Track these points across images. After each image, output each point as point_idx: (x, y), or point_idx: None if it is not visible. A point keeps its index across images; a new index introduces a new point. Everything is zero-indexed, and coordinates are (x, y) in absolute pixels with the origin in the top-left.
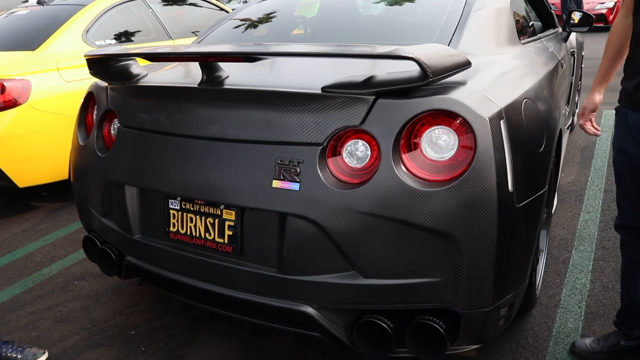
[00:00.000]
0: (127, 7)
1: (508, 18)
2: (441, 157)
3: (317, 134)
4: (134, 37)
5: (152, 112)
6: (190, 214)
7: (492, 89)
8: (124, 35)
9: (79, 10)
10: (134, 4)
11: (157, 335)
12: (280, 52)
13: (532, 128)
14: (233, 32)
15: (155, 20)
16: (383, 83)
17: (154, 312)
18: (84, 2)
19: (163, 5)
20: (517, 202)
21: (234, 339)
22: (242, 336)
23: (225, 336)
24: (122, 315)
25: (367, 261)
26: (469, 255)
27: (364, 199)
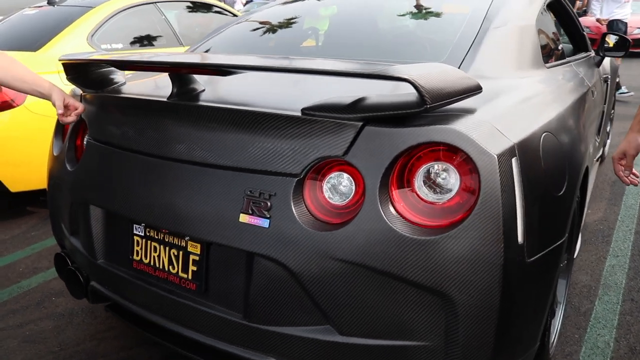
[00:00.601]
0: (138, 12)
1: (533, 38)
2: (438, 199)
3: (294, 164)
4: (141, 42)
5: (120, 125)
6: (154, 242)
7: (506, 119)
8: (131, 40)
9: (87, 12)
10: (145, 8)
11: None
12: (254, 67)
13: (551, 167)
14: (232, 40)
15: (166, 26)
16: (373, 107)
17: (125, 339)
18: (93, 4)
19: (177, 11)
20: (527, 257)
21: None
22: None
23: None
24: (92, 340)
25: (344, 316)
26: (465, 318)
27: (343, 244)
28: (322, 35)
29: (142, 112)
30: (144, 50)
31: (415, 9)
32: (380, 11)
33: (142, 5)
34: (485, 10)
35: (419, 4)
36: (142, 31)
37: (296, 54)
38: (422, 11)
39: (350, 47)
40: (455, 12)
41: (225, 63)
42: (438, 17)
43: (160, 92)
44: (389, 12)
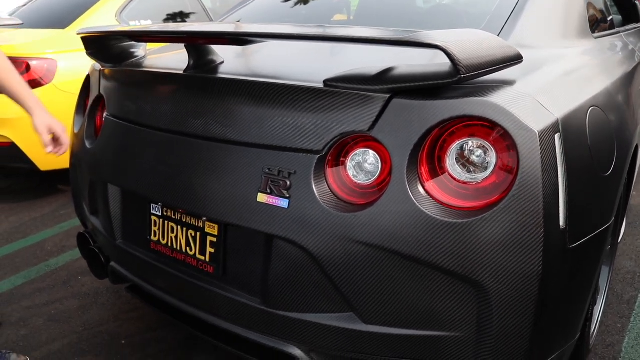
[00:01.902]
0: None
1: (579, 5)
2: (472, 178)
3: (315, 140)
4: (171, 19)
5: (138, 101)
6: (172, 222)
7: (549, 92)
8: (160, 17)
9: None
10: None
11: (148, 349)
12: (274, 34)
13: (598, 145)
14: (262, 12)
15: (196, 3)
16: (401, 78)
17: (150, 320)
18: None
19: None
20: (570, 242)
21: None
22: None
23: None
24: (116, 321)
25: (369, 303)
26: (499, 307)
27: (367, 226)
28: (353, 7)
29: (158, 87)
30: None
31: None
32: None
33: None
34: None
35: None
36: (172, 8)
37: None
38: None
39: (382, 18)
40: None
41: (244, 31)
42: None
43: (178, 65)
44: None
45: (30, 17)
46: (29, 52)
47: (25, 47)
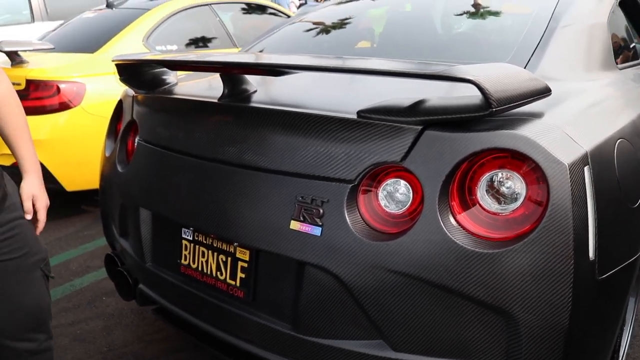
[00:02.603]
0: (193, 13)
1: (604, 37)
2: (502, 209)
3: (348, 169)
4: (196, 44)
5: (171, 127)
6: (202, 247)
7: (577, 124)
8: (186, 42)
9: (143, 14)
10: (200, 10)
11: None
12: (309, 67)
13: (627, 177)
14: (286, 41)
15: (221, 28)
16: (433, 111)
17: (174, 342)
18: (149, 7)
19: (232, 13)
20: (599, 274)
21: None
22: None
23: None
24: (140, 342)
25: (399, 331)
26: (528, 338)
27: (399, 255)
28: (377, 35)
29: (192, 114)
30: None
31: (476, 8)
32: (438, 10)
33: (197, 7)
34: (552, 9)
35: (479, 3)
36: (197, 33)
37: (351, 55)
38: (482, 10)
39: (407, 47)
40: (518, 12)
41: (278, 63)
42: (500, 17)
43: (211, 93)
44: (447, 11)
45: (60, 42)
46: (59, 76)
47: (55, 71)
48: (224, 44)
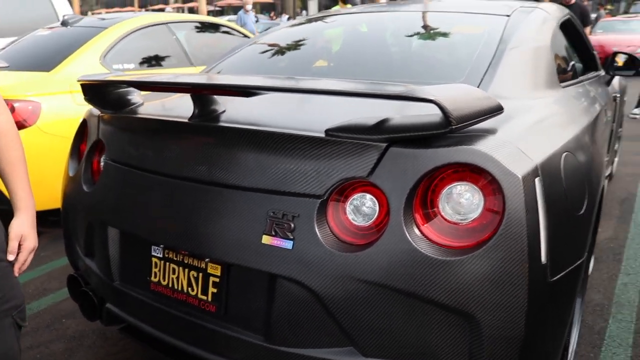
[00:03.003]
0: (150, 32)
1: (548, 58)
2: (462, 219)
3: (317, 185)
4: (153, 63)
5: (139, 146)
6: (173, 264)
7: (527, 139)
8: (143, 60)
9: (99, 33)
10: (156, 28)
11: None
12: (278, 88)
13: (572, 187)
14: (249, 60)
15: (177, 46)
16: (397, 129)
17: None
18: (106, 25)
19: (189, 32)
20: (550, 276)
21: None
22: None
23: None
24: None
25: (368, 337)
26: (489, 338)
27: (367, 265)
28: (335, 55)
29: (162, 133)
30: (158, 71)
31: (428, 30)
32: (393, 32)
33: (153, 25)
34: (501, 31)
35: (431, 25)
36: (154, 51)
37: (309, 74)
38: (436, 32)
39: (364, 67)
40: (469, 33)
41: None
42: (453, 38)
43: (180, 112)
44: (402, 32)
45: (14, 60)
46: (14, 95)
47: (10, 89)
48: (180, 62)
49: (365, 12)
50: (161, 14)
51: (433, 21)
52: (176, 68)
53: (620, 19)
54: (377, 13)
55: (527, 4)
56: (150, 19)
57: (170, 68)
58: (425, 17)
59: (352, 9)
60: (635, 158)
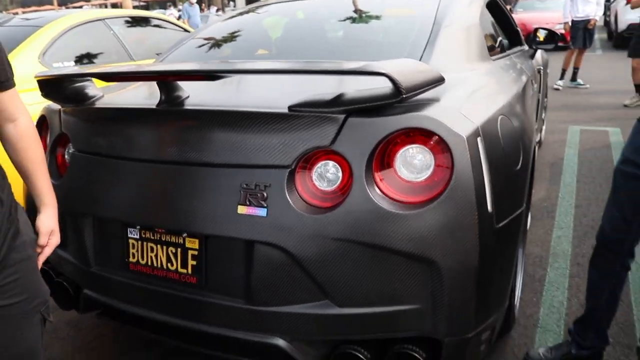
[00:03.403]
0: (87, 29)
1: (478, 34)
2: (417, 177)
3: (285, 156)
4: (93, 59)
5: (108, 135)
6: (150, 243)
7: (467, 105)
8: (83, 57)
9: (36, 32)
10: (93, 25)
11: None
12: (244, 70)
13: (509, 145)
14: (195, 51)
15: (116, 42)
16: (353, 101)
17: (119, 345)
18: (41, 23)
19: (125, 27)
20: (496, 223)
21: None
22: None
23: None
24: (81, 352)
25: (341, 289)
26: (448, 279)
27: (335, 224)
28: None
29: (132, 121)
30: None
31: (367, 13)
32: (331, 17)
33: (90, 22)
34: (434, 12)
35: (370, 8)
36: (93, 47)
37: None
38: (374, 14)
39: (309, 51)
40: (406, 14)
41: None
42: (391, 19)
43: (146, 100)
44: (340, 16)
45: None
46: None
47: None
48: (120, 58)
49: None
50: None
51: (371, 5)
52: (117, 63)
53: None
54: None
55: None
56: (87, 15)
57: (112, 63)
58: (363, 1)
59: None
60: (560, 126)
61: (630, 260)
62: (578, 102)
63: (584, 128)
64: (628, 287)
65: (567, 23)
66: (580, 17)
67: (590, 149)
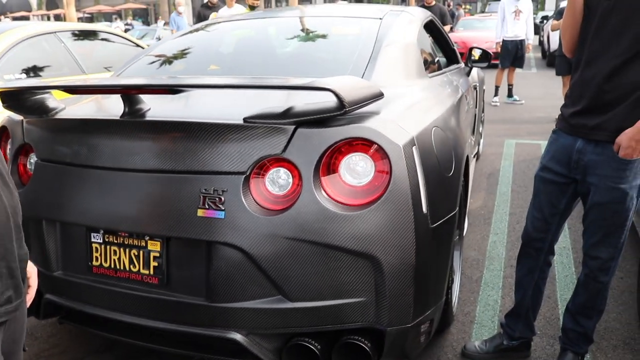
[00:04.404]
0: (38, 41)
1: (416, 53)
2: (359, 182)
3: (240, 163)
4: (45, 72)
5: (72, 145)
6: (114, 246)
7: (404, 117)
8: (34, 70)
9: None
10: (44, 38)
11: None
12: (205, 85)
13: (441, 154)
14: (150, 67)
15: (67, 55)
16: (302, 113)
17: (75, 352)
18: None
19: (75, 40)
20: (431, 223)
21: None
22: None
23: None
24: (39, 359)
25: (293, 285)
26: (389, 274)
27: (287, 224)
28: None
29: (97, 131)
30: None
31: (314, 32)
32: (279, 35)
33: (42, 35)
34: (376, 32)
35: (316, 28)
36: (45, 60)
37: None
38: (319, 34)
39: (257, 67)
40: (350, 34)
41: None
42: (336, 39)
43: (108, 112)
44: (288, 35)
45: None
46: None
47: None
48: (72, 71)
49: (250, 19)
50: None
51: (317, 25)
52: (69, 76)
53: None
54: (262, 19)
55: (396, 8)
56: (39, 28)
57: (64, 76)
58: (310, 21)
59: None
60: (497, 139)
61: (551, 257)
62: (514, 117)
63: (519, 141)
64: (555, 285)
65: (498, 43)
66: (509, 37)
67: (524, 160)
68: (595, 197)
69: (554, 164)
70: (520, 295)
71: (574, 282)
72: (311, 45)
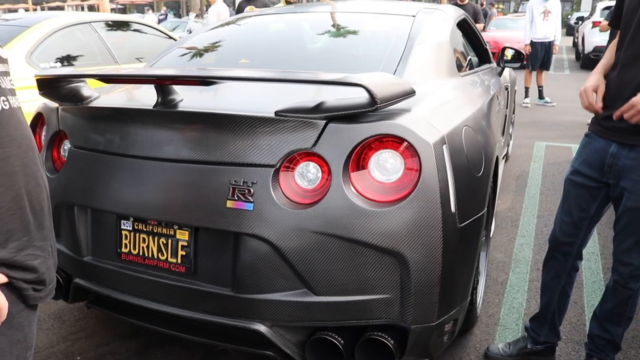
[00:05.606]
0: (73, 31)
1: (448, 51)
2: (388, 179)
3: (270, 156)
4: (79, 61)
5: (106, 133)
6: (143, 234)
7: (435, 116)
8: (69, 59)
9: (23, 32)
10: (79, 27)
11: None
12: (238, 77)
13: (471, 153)
14: (182, 59)
15: (101, 45)
16: (334, 108)
17: (101, 337)
18: (28, 24)
19: (109, 30)
20: (459, 222)
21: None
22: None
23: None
24: (66, 342)
25: (318, 279)
26: (415, 272)
27: (315, 219)
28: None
29: (131, 120)
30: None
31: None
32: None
33: (77, 25)
34: (408, 30)
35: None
36: (80, 50)
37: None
38: (353, 30)
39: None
40: (383, 31)
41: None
42: (369, 35)
43: (142, 102)
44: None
45: None
46: None
47: None
48: (105, 60)
49: (282, 13)
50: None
51: (349, 21)
52: (102, 66)
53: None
54: (294, 14)
55: (429, 6)
56: (74, 18)
57: (97, 66)
58: (342, 17)
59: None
60: (527, 141)
61: (579, 261)
62: (545, 119)
63: (549, 144)
64: (582, 290)
65: (527, 45)
66: (538, 38)
67: (554, 163)
68: (629, 202)
69: (585, 167)
70: (547, 299)
71: (602, 289)
72: (343, 41)
